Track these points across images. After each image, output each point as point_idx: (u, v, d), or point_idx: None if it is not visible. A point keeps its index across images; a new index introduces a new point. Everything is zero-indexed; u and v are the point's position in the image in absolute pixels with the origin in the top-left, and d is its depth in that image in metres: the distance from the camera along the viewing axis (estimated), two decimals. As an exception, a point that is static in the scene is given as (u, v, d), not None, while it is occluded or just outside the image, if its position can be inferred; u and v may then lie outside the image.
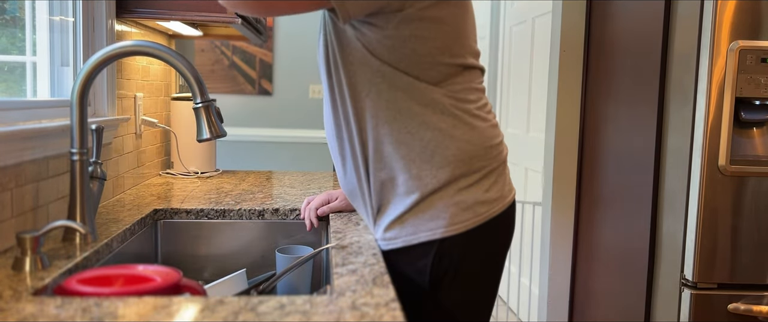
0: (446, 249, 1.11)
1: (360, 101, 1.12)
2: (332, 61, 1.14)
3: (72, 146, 1.12)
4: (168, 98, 2.15)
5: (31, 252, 0.95)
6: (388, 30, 1.07)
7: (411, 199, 1.11)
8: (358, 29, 1.09)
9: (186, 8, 1.60)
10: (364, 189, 1.16)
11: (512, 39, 3.48)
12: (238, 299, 0.82)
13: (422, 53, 1.09)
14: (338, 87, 1.14)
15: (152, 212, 1.43)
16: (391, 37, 1.08)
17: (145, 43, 1.11)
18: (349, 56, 1.11)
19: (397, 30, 1.07)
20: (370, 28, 1.08)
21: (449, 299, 1.14)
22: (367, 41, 1.09)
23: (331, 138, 1.21)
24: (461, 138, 1.12)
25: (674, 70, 1.69)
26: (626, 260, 1.94)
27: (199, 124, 1.13)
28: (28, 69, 1.39)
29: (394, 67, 1.09)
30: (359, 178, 1.16)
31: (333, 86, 1.15)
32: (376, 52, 1.09)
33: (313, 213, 1.40)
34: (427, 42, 1.09)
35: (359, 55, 1.10)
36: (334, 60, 1.13)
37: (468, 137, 1.12)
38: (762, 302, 1.55)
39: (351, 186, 1.20)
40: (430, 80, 1.10)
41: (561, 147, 2.38)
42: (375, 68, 1.10)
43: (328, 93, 1.17)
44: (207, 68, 4.28)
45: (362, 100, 1.12)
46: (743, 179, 1.53)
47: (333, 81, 1.15)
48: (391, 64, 1.09)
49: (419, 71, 1.10)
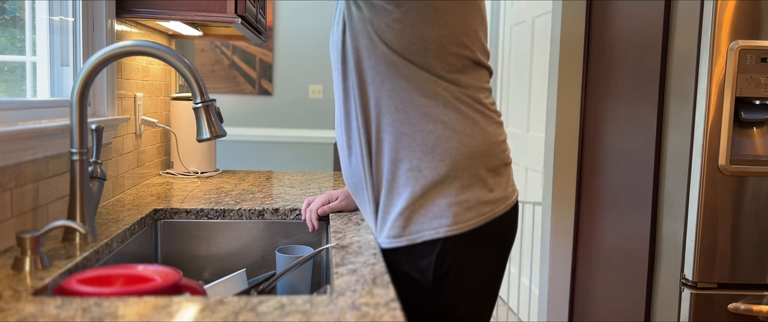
0: (449, 248, 1.11)
1: (365, 89, 1.12)
2: (342, 48, 1.14)
3: (72, 146, 1.12)
4: (168, 98, 2.15)
5: (31, 252, 0.95)
6: (396, 14, 1.07)
7: (409, 191, 1.11)
8: (367, 12, 1.09)
9: (186, 8, 1.60)
10: (366, 180, 1.16)
11: (512, 39, 3.48)
12: (238, 299, 0.82)
13: (429, 39, 1.08)
14: (346, 74, 1.14)
15: (152, 211, 1.43)
16: (399, 22, 1.08)
17: (145, 43, 1.11)
18: (357, 42, 1.11)
19: (406, 15, 1.07)
20: (379, 12, 1.08)
21: (450, 298, 1.13)
22: (376, 26, 1.09)
23: (339, 127, 1.21)
24: (463, 132, 1.11)
25: (674, 69, 1.69)
26: (626, 260, 1.94)
27: (199, 124, 1.13)
28: (28, 69, 1.39)
29: (400, 54, 1.09)
30: (363, 168, 1.16)
31: (343, 73, 1.15)
32: (384, 38, 1.09)
33: (314, 214, 1.40)
34: (435, 29, 1.08)
35: (367, 41, 1.10)
36: (343, 46, 1.13)
37: (470, 132, 1.12)
38: (762, 302, 1.55)
39: (355, 178, 1.19)
40: (435, 71, 1.10)
41: (561, 147, 2.38)
42: (381, 55, 1.09)
43: (341, 82, 1.16)
44: (207, 68, 4.28)
45: (367, 88, 1.12)
46: (743, 178, 1.53)
47: (342, 68, 1.15)
48: (398, 52, 1.09)
49: (425, 60, 1.09)
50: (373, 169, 1.15)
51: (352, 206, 1.42)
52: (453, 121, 1.11)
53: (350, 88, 1.14)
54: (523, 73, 3.26)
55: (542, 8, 2.97)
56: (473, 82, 1.14)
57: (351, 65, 1.12)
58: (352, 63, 1.12)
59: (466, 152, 1.11)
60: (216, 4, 1.60)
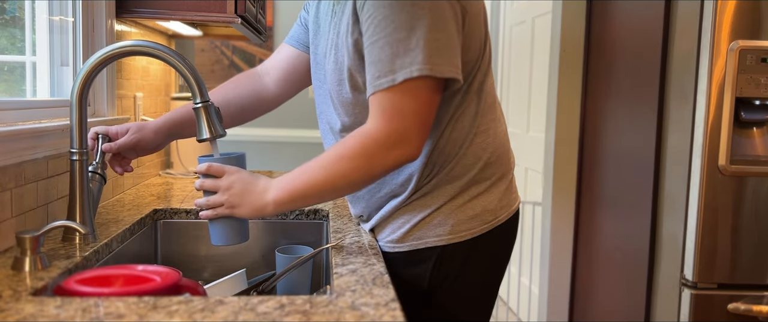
0: (448, 255, 1.10)
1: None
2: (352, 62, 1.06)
3: (72, 146, 1.12)
4: (168, 98, 2.15)
5: (30, 252, 0.95)
6: None
7: (424, 208, 1.11)
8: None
9: (186, 8, 1.60)
10: (386, 182, 1.13)
11: (512, 39, 3.48)
12: (238, 299, 0.82)
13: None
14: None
15: (152, 212, 1.43)
16: None
17: (145, 43, 1.11)
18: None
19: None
20: None
21: (448, 302, 1.13)
22: None
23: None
24: (479, 145, 1.11)
25: (674, 70, 1.69)
26: (626, 260, 1.94)
27: (199, 124, 1.12)
28: (27, 69, 1.39)
29: None
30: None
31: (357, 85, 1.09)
32: None
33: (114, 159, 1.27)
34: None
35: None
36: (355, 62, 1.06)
37: (485, 145, 1.12)
38: (762, 302, 1.55)
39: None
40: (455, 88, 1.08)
41: (561, 147, 2.38)
42: None
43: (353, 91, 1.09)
44: (207, 68, 4.28)
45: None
46: (743, 179, 1.53)
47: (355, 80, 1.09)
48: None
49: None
50: (401, 174, 1.12)
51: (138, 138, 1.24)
52: (472, 136, 1.10)
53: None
54: (523, 74, 3.26)
55: (542, 8, 2.97)
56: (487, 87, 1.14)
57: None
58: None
59: (480, 166, 1.11)
60: (216, 4, 1.60)
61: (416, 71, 0.94)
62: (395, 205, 1.12)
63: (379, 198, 1.15)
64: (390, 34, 0.95)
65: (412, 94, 0.96)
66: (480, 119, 1.11)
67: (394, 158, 0.98)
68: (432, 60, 0.95)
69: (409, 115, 0.97)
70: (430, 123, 1.00)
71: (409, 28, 0.94)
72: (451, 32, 0.98)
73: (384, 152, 0.98)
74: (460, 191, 1.10)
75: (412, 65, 0.95)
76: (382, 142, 0.97)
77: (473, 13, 1.04)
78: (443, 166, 1.09)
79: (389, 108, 0.97)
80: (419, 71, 0.94)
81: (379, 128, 0.97)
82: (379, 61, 0.96)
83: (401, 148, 0.97)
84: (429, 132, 1.01)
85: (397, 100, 0.97)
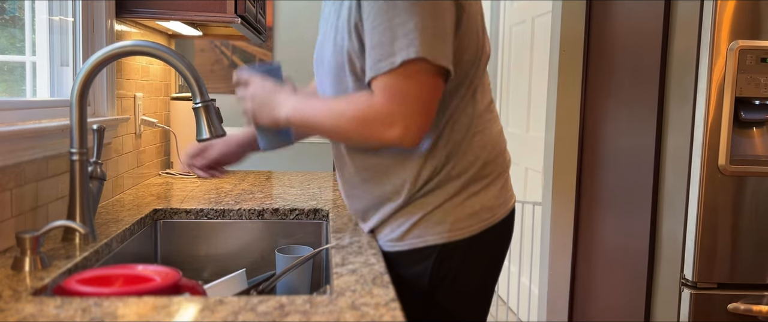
0: (448, 253, 1.11)
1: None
2: (357, 57, 1.07)
3: (72, 146, 1.12)
4: (168, 98, 2.15)
5: (30, 252, 0.95)
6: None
7: (428, 200, 1.11)
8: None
9: (186, 8, 1.60)
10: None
11: (512, 39, 3.48)
12: (238, 299, 0.82)
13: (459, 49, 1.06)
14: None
15: (152, 211, 1.43)
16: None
17: (145, 43, 1.11)
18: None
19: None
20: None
21: (446, 300, 1.13)
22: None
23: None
24: (477, 145, 1.11)
25: (674, 69, 1.69)
26: (626, 260, 1.94)
27: (199, 124, 1.12)
28: (27, 69, 1.39)
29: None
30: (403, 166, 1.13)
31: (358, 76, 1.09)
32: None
33: (199, 165, 1.37)
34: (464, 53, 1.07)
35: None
36: (354, 57, 1.07)
37: (483, 144, 1.12)
38: (762, 302, 1.55)
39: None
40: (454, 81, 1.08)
41: (561, 147, 2.38)
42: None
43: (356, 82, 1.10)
44: (207, 68, 4.28)
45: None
46: (743, 178, 1.53)
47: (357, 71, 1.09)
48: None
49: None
50: (409, 171, 1.11)
51: (234, 150, 1.38)
52: (470, 136, 1.11)
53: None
54: (523, 73, 3.26)
55: (542, 8, 2.97)
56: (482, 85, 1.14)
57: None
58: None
59: (478, 164, 1.11)
60: (216, 4, 1.60)
61: (413, 53, 0.96)
62: (393, 207, 1.12)
63: (374, 197, 1.16)
64: (390, 19, 0.97)
65: (413, 77, 0.98)
66: (478, 119, 1.11)
67: (390, 137, 0.99)
68: (429, 45, 0.97)
69: (410, 98, 0.98)
70: (431, 112, 1.00)
71: (408, 14, 0.96)
72: (446, 25, 1.00)
73: (380, 129, 0.99)
74: (460, 189, 1.10)
75: (409, 48, 0.96)
76: (381, 118, 0.99)
77: (472, 14, 1.05)
78: (443, 166, 1.10)
79: (391, 88, 0.98)
80: (416, 53, 0.96)
81: (381, 104, 0.99)
82: (380, 45, 0.98)
83: (398, 129, 0.98)
84: (430, 123, 1.01)
85: (399, 82, 0.98)
